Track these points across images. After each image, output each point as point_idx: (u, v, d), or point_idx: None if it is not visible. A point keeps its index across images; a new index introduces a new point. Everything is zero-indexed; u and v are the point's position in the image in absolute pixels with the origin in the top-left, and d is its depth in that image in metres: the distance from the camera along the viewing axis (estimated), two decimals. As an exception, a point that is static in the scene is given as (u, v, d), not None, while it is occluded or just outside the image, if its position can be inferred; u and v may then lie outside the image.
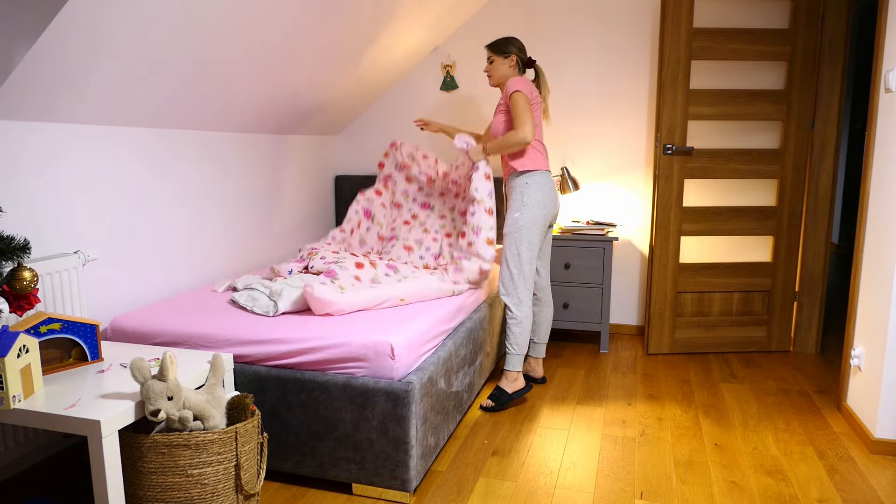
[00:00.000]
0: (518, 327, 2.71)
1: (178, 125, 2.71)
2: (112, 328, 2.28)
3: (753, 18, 3.34)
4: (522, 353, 2.74)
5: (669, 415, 2.69)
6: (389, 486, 2.02)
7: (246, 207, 3.24)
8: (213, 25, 2.24)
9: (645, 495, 2.07)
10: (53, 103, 2.05)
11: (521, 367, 2.74)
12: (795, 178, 3.34)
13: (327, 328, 2.13)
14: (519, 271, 2.69)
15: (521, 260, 2.69)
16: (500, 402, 2.73)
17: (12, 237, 1.71)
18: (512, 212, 2.71)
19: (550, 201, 2.74)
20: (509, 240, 2.70)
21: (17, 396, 1.56)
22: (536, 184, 2.70)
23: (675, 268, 3.39)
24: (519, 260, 2.69)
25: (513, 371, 2.74)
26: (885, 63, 2.37)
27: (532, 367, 3.04)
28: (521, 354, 2.74)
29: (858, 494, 2.07)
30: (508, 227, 2.71)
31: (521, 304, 2.70)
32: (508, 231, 2.70)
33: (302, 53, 2.83)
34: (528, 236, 2.68)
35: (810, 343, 3.47)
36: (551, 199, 2.74)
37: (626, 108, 3.65)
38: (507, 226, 2.72)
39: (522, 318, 2.70)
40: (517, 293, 2.70)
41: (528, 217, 2.68)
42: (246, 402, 1.70)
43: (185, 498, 1.60)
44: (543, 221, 2.72)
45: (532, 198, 2.69)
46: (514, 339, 2.72)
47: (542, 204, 2.70)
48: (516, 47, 2.79)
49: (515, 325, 2.71)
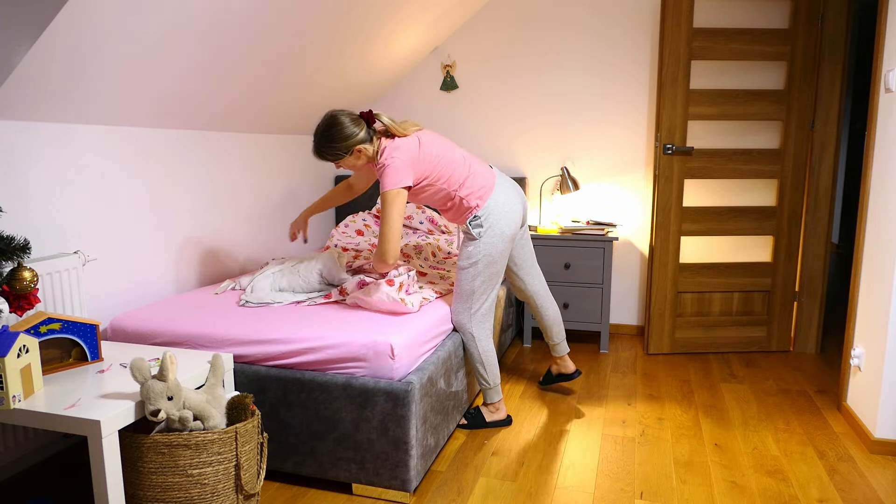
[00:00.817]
0: (480, 364, 2.47)
1: (178, 125, 2.71)
2: (112, 328, 2.28)
3: (753, 18, 3.34)
4: (496, 384, 2.52)
5: (669, 415, 2.69)
6: (389, 486, 2.02)
7: (246, 207, 3.24)
8: (214, 25, 2.24)
9: (645, 495, 2.07)
10: (53, 103, 2.05)
11: (500, 396, 2.55)
12: (795, 178, 3.34)
13: (327, 328, 2.13)
14: (469, 306, 2.42)
15: (473, 296, 2.41)
16: (474, 425, 2.56)
17: (12, 237, 1.71)
18: (465, 245, 2.40)
19: (509, 219, 2.40)
20: (463, 275, 2.40)
21: (17, 396, 1.56)
22: (487, 211, 2.35)
23: (675, 268, 3.39)
24: (471, 296, 2.41)
25: (491, 403, 2.56)
26: (885, 63, 2.37)
27: (562, 366, 2.84)
28: (496, 386, 2.53)
29: (858, 494, 2.07)
30: (462, 260, 2.40)
31: (476, 340, 2.45)
32: (462, 265, 2.40)
33: (302, 53, 2.83)
34: (483, 270, 2.38)
35: (810, 343, 3.47)
36: (510, 215, 2.40)
37: (626, 108, 3.65)
38: (461, 259, 2.40)
39: (480, 353, 2.46)
40: (470, 329, 2.44)
41: (483, 250, 2.36)
42: (246, 402, 1.70)
43: (185, 498, 1.60)
44: (505, 246, 2.41)
45: (484, 230, 2.36)
46: (483, 376, 2.50)
47: (499, 230, 2.37)
48: (346, 136, 2.22)
49: (477, 363, 2.48)
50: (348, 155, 2.26)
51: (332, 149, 2.25)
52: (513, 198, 2.43)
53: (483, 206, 2.36)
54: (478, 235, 2.36)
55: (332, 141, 2.23)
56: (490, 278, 2.42)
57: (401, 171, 2.22)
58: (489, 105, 3.85)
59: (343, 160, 2.29)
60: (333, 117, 2.25)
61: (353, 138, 2.23)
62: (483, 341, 2.47)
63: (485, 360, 2.48)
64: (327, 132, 2.24)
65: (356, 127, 2.24)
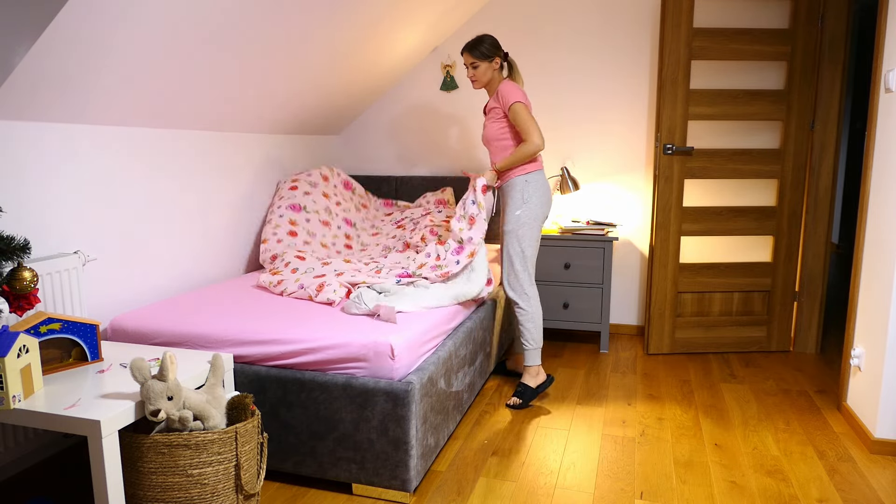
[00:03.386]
0: (530, 322, 2.76)
1: (178, 125, 2.71)
2: (112, 328, 2.28)
3: (753, 18, 3.34)
4: (539, 346, 2.80)
5: (669, 415, 2.69)
6: (389, 486, 2.02)
7: (246, 207, 3.24)
8: (214, 26, 2.24)
9: (645, 495, 2.07)
10: (53, 103, 2.05)
11: (539, 360, 2.81)
12: (795, 178, 3.34)
13: (327, 328, 2.13)
14: (523, 267, 2.73)
15: (525, 256, 2.72)
16: (526, 397, 2.77)
17: (12, 237, 1.71)
18: (513, 209, 2.72)
19: (548, 200, 2.77)
20: (512, 237, 2.72)
21: (17, 396, 1.56)
22: (536, 181, 2.72)
23: (675, 268, 3.39)
24: (523, 256, 2.72)
25: (533, 366, 2.80)
26: (885, 63, 2.37)
27: (519, 364, 3.12)
28: (538, 348, 2.80)
29: (858, 494, 2.07)
30: (510, 224, 2.72)
31: (530, 299, 2.76)
32: (511, 228, 2.72)
33: (302, 54, 2.83)
34: (530, 233, 2.71)
35: (810, 343, 3.47)
36: (549, 198, 2.78)
37: (626, 108, 3.65)
38: (509, 223, 2.73)
39: (533, 312, 2.76)
40: (523, 289, 2.75)
41: (530, 214, 2.71)
42: (246, 402, 1.70)
43: (185, 498, 1.60)
44: (543, 219, 2.75)
45: (533, 195, 2.71)
46: (528, 335, 2.78)
47: (542, 202, 2.73)
48: (496, 46, 2.73)
49: (527, 321, 2.76)
50: (489, 60, 2.71)
51: (484, 47, 2.70)
52: (549, 188, 2.82)
53: (537, 171, 2.74)
54: (527, 198, 2.69)
55: (486, 43, 2.71)
56: (535, 241, 2.74)
57: (520, 93, 2.67)
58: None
59: (482, 62, 2.71)
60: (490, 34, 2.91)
61: (499, 51, 2.74)
62: (536, 301, 2.78)
63: (536, 319, 2.77)
64: (486, 37, 2.72)
65: (501, 49, 2.76)
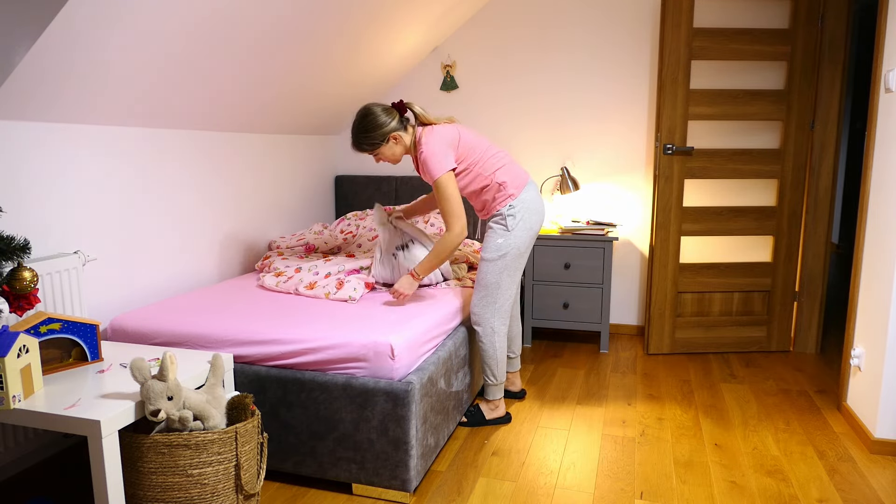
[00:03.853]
0: (493, 359, 2.50)
1: (178, 125, 2.71)
2: (112, 328, 2.28)
3: (753, 18, 3.34)
4: (502, 381, 2.56)
5: (669, 415, 2.69)
6: (389, 486, 2.02)
7: (246, 207, 3.24)
8: (213, 25, 2.24)
9: (645, 495, 2.07)
10: (53, 103, 2.05)
11: (500, 395, 2.59)
12: (795, 178, 3.34)
13: (327, 328, 2.13)
14: (494, 300, 2.43)
15: (499, 289, 2.42)
16: (474, 422, 2.58)
17: (12, 237, 1.71)
18: (493, 237, 2.41)
19: (537, 220, 2.45)
20: (489, 266, 2.41)
21: (17, 396, 1.56)
22: (521, 202, 2.40)
23: (676, 268, 3.39)
24: (497, 289, 2.42)
25: (493, 400, 2.59)
26: (885, 63, 2.37)
27: (510, 381, 2.87)
28: (501, 384, 2.56)
29: (858, 494, 2.07)
30: (489, 252, 2.40)
31: (495, 335, 2.47)
32: (489, 257, 2.40)
33: (302, 54, 2.83)
34: (511, 263, 2.40)
35: (810, 343, 3.47)
36: (538, 217, 2.45)
37: (626, 108, 3.65)
38: (488, 251, 2.41)
39: (497, 349, 2.49)
40: (490, 323, 2.46)
41: (513, 243, 2.39)
42: (246, 402, 1.70)
43: (185, 498, 1.60)
44: (530, 243, 2.44)
45: (517, 221, 2.39)
46: (490, 371, 2.52)
47: (529, 224, 2.41)
48: (381, 125, 2.30)
49: (490, 358, 2.50)
50: (385, 143, 2.34)
51: (369, 138, 2.33)
52: (540, 200, 2.49)
53: (518, 197, 2.40)
54: (511, 226, 2.39)
55: (368, 131, 2.32)
56: (515, 272, 2.45)
57: (440, 154, 2.29)
58: (489, 105, 3.85)
59: (381, 149, 2.36)
60: (366, 108, 2.36)
61: (386, 126, 2.32)
62: (501, 337, 2.50)
63: (498, 357, 2.51)
64: (362, 123, 2.33)
65: (388, 116, 2.34)
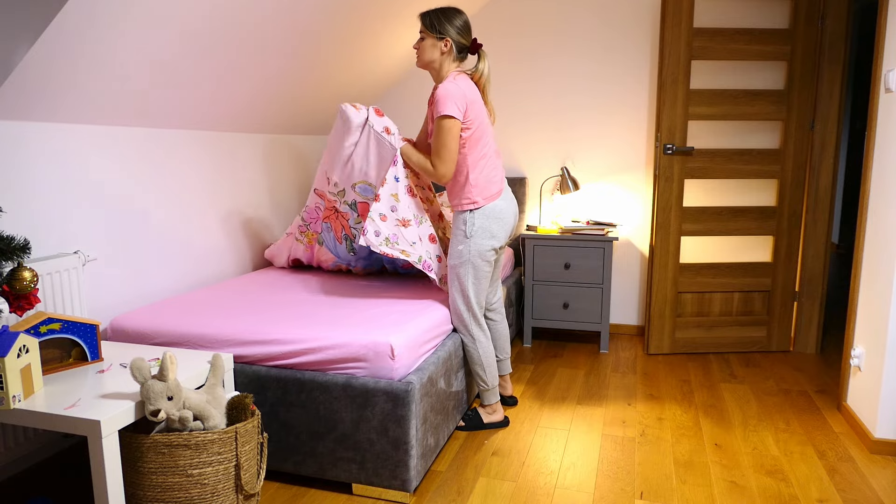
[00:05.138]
0: (480, 366, 2.48)
1: (177, 125, 2.71)
2: (112, 328, 2.28)
3: (753, 18, 3.34)
4: (494, 385, 2.54)
5: (669, 415, 2.69)
6: (389, 486, 2.02)
7: (246, 207, 3.24)
8: (213, 25, 2.24)
9: (645, 495, 2.07)
10: (53, 103, 2.05)
11: (496, 398, 2.56)
12: (795, 178, 3.34)
13: (327, 329, 2.13)
14: (467, 306, 2.42)
15: (468, 294, 2.40)
16: (471, 426, 2.56)
17: (12, 237, 1.71)
18: (455, 243, 2.39)
19: (500, 226, 2.40)
20: (454, 273, 2.40)
21: (17, 396, 1.56)
22: (482, 213, 2.36)
23: (676, 268, 3.39)
24: (466, 295, 2.41)
25: (490, 405, 2.57)
26: (885, 63, 2.37)
27: (500, 385, 2.79)
28: (494, 388, 2.54)
29: (858, 494, 2.07)
30: (452, 258, 2.40)
31: (476, 341, 2.46)
32: (452, 264, 2.40)
33: (302, 53, 2.83)
34: (473, 270, 2.38)
35: (810, 343, 3.47)
36: (501, 224, 2.40)
37: (626, 108, 3.65)
38: (451, 257, 2.40)
39: (482, 355, 2.47)
40: (469, 330, 2.45)
41: (474, 249, 2.36)
42: (246, 402, 1.70)
43: (185, 498, 1.60)
44: (492, 251, 2.40)
45: (476, 227, 2.36)
46: (481, 377, 2.50)
47: (489, 232, 2.37)
48: (455, 27, 2.28)
49: (477, 365, 2.49)
50: (436, 38, 2.29)
51: (439, 20, 2.28)
52: (511, 210, 2.45)
53: (480, 207, 2.37)
54: (469, 233, 2.36)
55: (448, 18, 2.29)
56: (482, 278, 2.41)
57: (458, 99, 2.24)
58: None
59: (429, 39, 2.30)
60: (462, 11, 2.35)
61: (454, 30, 2.29)
62: (483, 343, 2.48)
63: (484, 362, 2.49)
64: (449, 8, 2.31)
65: (465, 34, 2.33)
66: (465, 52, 2.35)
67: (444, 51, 2.30)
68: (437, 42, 2.29)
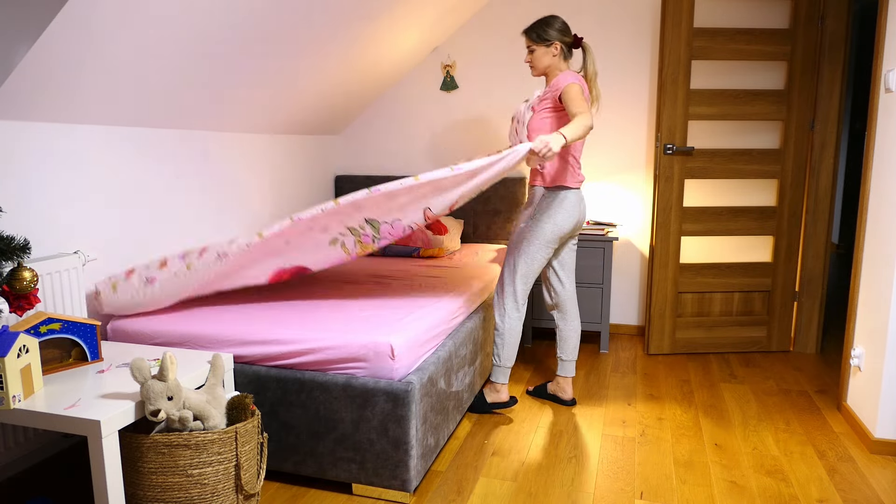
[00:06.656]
0: (500, 339, 2.59)
1: (178, 125, 2.71)
2: (112, 328, 2.28)
3: (753, 18, 3.34)
4: (507, 365, 2.62)
5: (669, 415, 2.69)
6: (389, 486, 2.02)
7: (246, 207, 3.24)
8: (213, 25, 2.24)
9: (645, 495, 2.07)
10: (53, 103, 2.05)
11: (505, 379, 2.63)
12: (795, 178, 3.34)
13: (327, 329, 2.12)
14: (510, 282, 2.55)
15: (515, 272, 2.54)
16: (476, 408, 2.65)
17: (12, 237, 1.71)
18: (521, 220, 2.57)
19: (567, 218, 2.50)
20: (510, 248, 2.57)
21: (17, 396, 1.56)
22: (556, 198, 2.50)
23: (676, 268, 3.39)
24: (514, 272, 2.54)
25: (496, 383, 2.64)
26: (885, 63, 2.37)
27: (560, 388, 2.78)
28: (506, 367, 2.62)
29: (858, 494, 2.07)
30: (514, 234, 2.57)
31: (505, 316, 2.58)
32: (512, 239, 2.57)
33: (302, 54, 2.83)
34: (530, 250, 2.51)
35: (810, 343, 3.47)
36: (569, 216, 2.51)
37: (627, 108, 3.65)
38: (513, 233, 2.58)
39: (505, 331, 2.58)
40: (503, 304, 2.58)
41: (537, 231, 2.50)
42: (246, 402, 1.70)
43: (185, 498, 1.60)
44: (552, 238, 2.51)
45: (545, 212, 2.50)
46: (496, 351, 2.61)
47: (554, 220, 2.49)
48: (557, 30, 2.46)
49: (498, 337, 2.60)
50: (546, 45, 2.47)
51: (543, 29, 2.47)
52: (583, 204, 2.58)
53: (575, 190, 2.52)
54: (537, 214, 2.51)
55: (547, 24, 2.47)
56: (537, 262, 2.53)
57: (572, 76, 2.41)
58: (489, 105, 3.85)
59: (540, 46, 2.48)
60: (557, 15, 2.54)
61: (559, 33, 2.48)
62: (513, 319, 2.58)
63: (506, 337, 2.59)
64: (547, 17, 2.49)
65: (566, 33, 2.51)
66: (571, 49, 2.54)
67: (556, 53, 2.49)
68: (548, 49, 2.48)
